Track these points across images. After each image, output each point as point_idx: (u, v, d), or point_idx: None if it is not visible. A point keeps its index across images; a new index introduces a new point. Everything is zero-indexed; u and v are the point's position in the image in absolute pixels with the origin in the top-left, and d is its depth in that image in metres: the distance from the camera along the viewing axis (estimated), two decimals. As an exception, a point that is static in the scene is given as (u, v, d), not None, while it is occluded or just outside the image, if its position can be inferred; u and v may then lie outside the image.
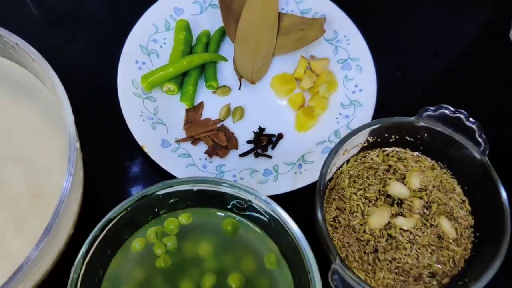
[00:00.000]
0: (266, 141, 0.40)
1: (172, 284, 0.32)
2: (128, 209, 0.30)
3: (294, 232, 0.30)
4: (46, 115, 0.34)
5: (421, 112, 0.36)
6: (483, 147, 0.35)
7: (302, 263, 0.30)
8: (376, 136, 0.37)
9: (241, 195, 0.31)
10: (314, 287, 0.29)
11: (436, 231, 0.35)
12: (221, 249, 0.33)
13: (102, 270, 0.31)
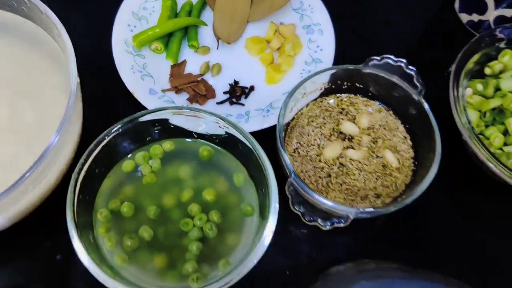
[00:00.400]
0: (240, 92, 0.46)
1: (156, 198, 0.38)
2: (119, 130, 0.36)
3: (260, 154, 0.37)
4: (52, 61, 0.40)
5: (368, 61, 0.43)
6: (420, 89, 0.42)
7: (264, 179, 0.37)
8: (331, 83, 0.43)
9: (218, 122, 0.38)
10: (271, 194, 0.36)
11: (381, 161, 0.42)
12: (198, 171, 0.39)
13: (97, 184, 0.37)
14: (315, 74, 0.42)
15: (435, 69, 0.47)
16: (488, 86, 0.42)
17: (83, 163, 0.35)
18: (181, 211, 0.37)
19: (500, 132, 0.41)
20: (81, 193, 0.35)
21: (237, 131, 0.37)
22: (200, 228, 0.36)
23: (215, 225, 0.37)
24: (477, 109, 0.42)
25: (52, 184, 0.37)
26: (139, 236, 0.36)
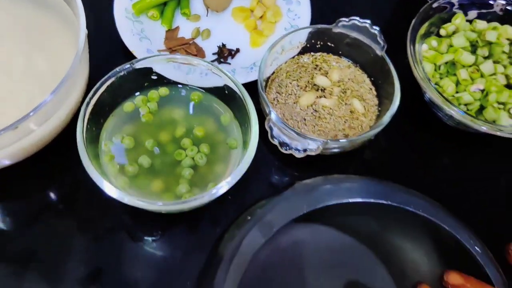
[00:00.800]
0: (227, 53, 0.52)
1: (153, 134, 0.44)
2: (121, 73, 0.42)
3: (244, 94, 0.42)
4: (64, 22, 0.46)
5: (337, 22, 0.49)
6: (382, 46, 0.48)
7: (247, 116, 0.42)
8: (307, 42, 0.50)
9: (208, 68, 0.44)
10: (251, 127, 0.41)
11: (349, 108, 0.48)
12: (189, 113, 0.45)
13: (102, 120, 0.43)
14: (291, 32, 0.48)
15: (397, 29, 0.52)
16: (441, 43, 0.48)
17: (91, 97, 0.40)
18: (175, 145, 0.43)
19: (452, 82, 0.47)
20: (89, 123, 0.40)
21: (224, 76, 0.43)
22: (191, 158, 0.42)
23: (204, 155, 0.42)
24: (432, 62, 0.48)
25: (63, 121, 0.42)
26: (138, 164, 0.42)
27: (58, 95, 0.39)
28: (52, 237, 0.43)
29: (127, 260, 0.42)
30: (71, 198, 0.45)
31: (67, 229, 0.43)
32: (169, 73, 0.45)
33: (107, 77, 0.42)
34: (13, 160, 0.43)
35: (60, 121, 0.42)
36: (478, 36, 0.48)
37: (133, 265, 0.42)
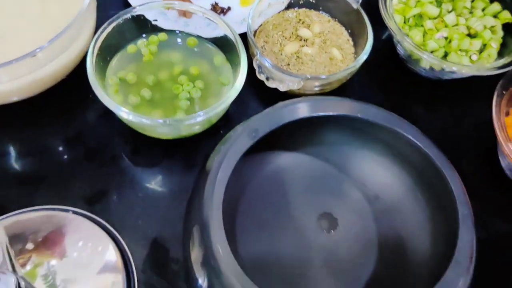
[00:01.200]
0: (219, 10, 0.58)
1: (153, 72, 0.49)
2: (125, 16, 0.47)
3: (235, 36, 0.48)
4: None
5: (318, -21, 0.55)
6: (358, 0, 0.54)
7: (237, 55, 0.48)
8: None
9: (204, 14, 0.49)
10: (242, 65, 0.47)
11: (329, 55, 0.54)
12: (186, 55, 0.51)
13: (109, 58, 0.48)
14: (276, -12, 0.54)
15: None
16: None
17: (98, 36, 0.46)
18: (173, 81, 0.48)
19: (420, 32, 0.53)
20: (97, 58, 0.46)
21: (218, 20, 0.49)
22: (187, 92, 0.47)
23: (199, 89, 0.48)
24: (402, 15, 0.54)
25: (75, 57, 0.48)
26: (141, 96, 0.47)
27: (71, 30, 0.44)
28: (61, 163, 0.48)
29: (128, 184, 0.48)
30: (79, 130, 0.50)
31: (75, 157, 0.49)
32: (167, 24, 0.51)
33: (113, 18, 0.47)
34: (30, 93, 0.48)
35: (72, 57, 0.47)
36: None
37: (133, 187, 0.47)
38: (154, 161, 0.49)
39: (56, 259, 0.43)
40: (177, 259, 0.44)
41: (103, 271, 0.43)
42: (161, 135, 0.47)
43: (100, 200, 0.46)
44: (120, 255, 0.43)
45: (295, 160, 0.49)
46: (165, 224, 0.46)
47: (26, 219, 0.44)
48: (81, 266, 0.43)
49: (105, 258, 0.43)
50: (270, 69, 0.48)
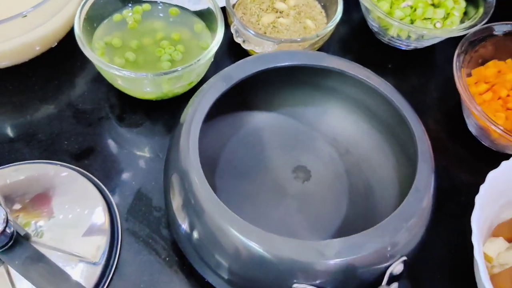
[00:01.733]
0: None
1: (137, 38, 0.52)
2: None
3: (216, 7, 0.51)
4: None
5: (292, -44, 0.59)
6: (329, -26, 0.58)
7: (215, 22, 0.51)
8: (267, -26, 0.59)
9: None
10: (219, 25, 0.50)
11: (303, 25, 0.57)
12: (168, 23, 0.54)
13: (96, 24, 0.51)
14: (254, -37, 0.58)
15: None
16: (378, -28, 0.58)
17: (85, 2, 0.49)
18: (156, 46, 0.52)
19: (387, 3, 0.57)
20: (84, 23, 0.49)
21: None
22: (169, 54, 0.51)
23: (180, 52, 0.51)
24: (370, -13, 0.58)
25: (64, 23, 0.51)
26: (125, 58, 0.50)
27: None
28: (51, 123, 0.51)
29: (114, 142, 0.50)
30: (68, 95, 0.53)
31: (64, 118, 0.51)
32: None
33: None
34: (21, 58, 0.51)
35: (61, 22, 0.51)
36: (408, -34, 0.58)
37: (119, 145, 0.50)
38: (139, 122, 0.52)
39: (45, 213, 0.45)
40: (159, 207, 0.47)
41: (88, 218, 0.45)
42: (145, 95, 0.50)
43: (87, 156, 0.49)
44: (105, 204, 0.46)
45: (271, 120, 0.52)
46: (148, 177, 0.49)
47: (14, 181, 0.47)
48: (68, 214, 0.45)
49: (90, 206, 0.46)
50: (245, 32, 0.52)
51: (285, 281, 0.36)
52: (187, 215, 0.40)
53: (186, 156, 0.39)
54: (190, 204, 0.39)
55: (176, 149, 0.41)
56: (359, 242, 0.35)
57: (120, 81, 0.48)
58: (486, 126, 0.49)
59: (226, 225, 0.36)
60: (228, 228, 0.36)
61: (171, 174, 0.42)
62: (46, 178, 0.46)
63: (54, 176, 0.47)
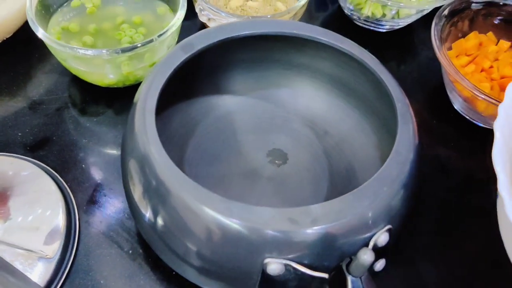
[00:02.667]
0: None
1: (96, 23, 0.49)
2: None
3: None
4: None
5: None
6: (298, -44, 0.56)
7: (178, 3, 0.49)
8: (234, -40, 0.57)
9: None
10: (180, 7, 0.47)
11: (273, 8, 0.55)
12: (129, 8, 0.51)
13: (51, 10, 0.48)
14: None
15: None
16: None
17: None
18: (116, 30, 0.49)
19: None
20: (39, 5, 0.46)
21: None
22: (130, 37, 0.48)
23: (141, 34, 0.48)
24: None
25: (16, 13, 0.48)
26: (83, 42, 0.47)
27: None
28: (4, 116, 0.47)
29: (72, 132, 0.47)
30: (23, 86, 0.50)
31: (18, 110, 0.48)
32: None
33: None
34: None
35: (13, 10, 0.48)
36: None
37: (78, 135, 0.46)
38: (100, 111, 0.48)
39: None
40: (121, 198, 0.43)
41: (41, 209, 0.41)
42: (105, 79, 0.46)
43: (43, 147, 0.45)
44: (60, 194, 0.42)
45: (243, 103, 0.49)
46: (109, 167, 0.45)
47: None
48: (22, 205, 0.41)
49: (44, 194, 0.42)
50: (209, 10, 0.49)
51: (257, 257, 0.31)
52: (149, 200, 0.36)
53: (142, 134, 0.35)
54: (151, 188, 0.35)
55: (131, 130, 0.36)
56: (337, 208, 0.31)
57: (76, 63, 0.45)
58: (471, 97, 0.46)
59: (193, 200, 0.32)
60: (195, 203, 0.32)
61: (128, 160, 0.37)
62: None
63: (7, 171, 0.43)
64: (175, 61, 0.38)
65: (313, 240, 0.31)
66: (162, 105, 0.38)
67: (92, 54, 0.42)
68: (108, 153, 0.46)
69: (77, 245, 0.40)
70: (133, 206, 0.38)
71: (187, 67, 0.40)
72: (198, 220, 0.33)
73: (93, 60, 0.44)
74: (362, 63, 0.41)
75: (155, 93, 0.37)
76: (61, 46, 0.42)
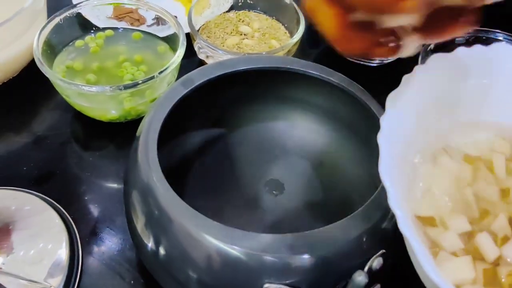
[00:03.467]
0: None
1: (99, 61, 0.51)
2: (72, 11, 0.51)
3: (179, 30, 0.51)
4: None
5: (254, -18, 0.60)
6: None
7: (178, 42, 0.51)
8: (229, 1, 0.60)
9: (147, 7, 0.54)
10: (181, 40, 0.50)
11: (268, 45, 0.57)
12: (131, 47, 0.54)
13: (57, 50, 0.51)
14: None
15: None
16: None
17: (46, 25, 0.49)
18: (118, 68, 0.51)
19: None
20: (45, 46, 0.49)
21: (163, 15, 0.53)
22: (131, 74, 0.50)
23: (143, 71, 0.50)
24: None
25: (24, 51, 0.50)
26: (86, 79, 0.49)
27: (18, 20, 0.47)
28: (9, 150, 0.49)
29: (75, 166, 0.48)
30: (29, 121, 0.51)
31: (24, 144, 0.49)
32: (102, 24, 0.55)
33: (60, 12, 0.51)
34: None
35: (22, 48, 0.50)
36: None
37: (81, 169, 0.48)
38: (102, 145, 0.50)
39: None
40: (123, 229, 0.44)
41: (46, 243, 0.42)
42: (108, 114, 0.48)
43: (47, 181, 0.47)
44: (63, 227, 0.43)
45: (241, 136, 0.51)
46: (111, 200, 0.46)
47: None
48: (25, 239, 0.42)
49: (49, 228, 0.43)
50: (207, 48, 0.51)
51: (256, 282, 0.32)
52: (152, 230, 0.37)
53: (145, 166, 0.36)
54: (154, 217, 0.36)
55: (134, 162, 0.38)
56: (332, 234, 0.33)
57: (79, 99, 0.47)
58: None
59: (194, 228, 0.33)
60: (196, 231, 0.33)
61: (131, 191, 0.38)
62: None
63: (11, 201, 0.44)
64: (176, 96, 0.40)
65: (309, 265, 0.32)
66: (163, 138, 0.40)
67: (96, 90, 0.44)
68: (110, 186, 0.47)
69: (80, 276, 0.41)
70: (135, 236, 0.39)
71: (187, 102, 0.42)
72: (199, 247, 0.34)
73: (97, 96, 0.46)
74: (353, 96, 0.43)
75: (157, 127, 0.39)
76: (66, 83, 0.44)
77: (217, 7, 0.60)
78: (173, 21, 0.52)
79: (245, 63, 0.45)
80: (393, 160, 0.31)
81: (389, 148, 0.31)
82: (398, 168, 0.32)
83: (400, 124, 0.33)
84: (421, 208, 0.34)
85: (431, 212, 0.34)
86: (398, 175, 0.31)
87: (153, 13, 0.56)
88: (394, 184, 0.29)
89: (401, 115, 0.34)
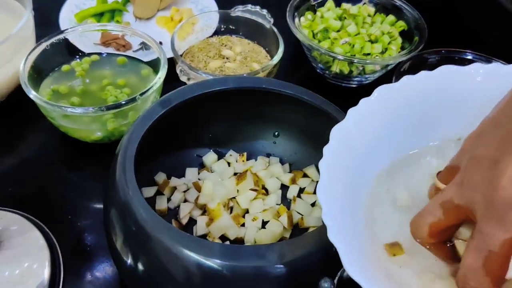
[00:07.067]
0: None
1: (85, 85, 0.53)
2: (60, 36, 0.53)
3: (161, 53, 0.53)
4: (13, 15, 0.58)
5: (234, 8, 0.62)
6: (269, 21, 0.61)
7: (160, 65, 0.53)
8: (213, 28, 0.62)
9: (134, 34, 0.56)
10: (162, 63, 0.52)
11: (249, 68, 0.59)
12: (115, 71, 0.56)
13: (44, 75, 0.53)
14: (197, 15, 0.61)
15: (282, 11, 0.64)
16: (316, 16, 0.62)
17: (32, 50, 0.51)
18: (102, 91, 0.53)
19: (327, 43, 0.60)
20: (31, 70, 0.50)
21: (147, 41, 0.55)
22: (115, 96, 0.52)
23: (126, 94, 0.52)
24: (309, 29, 0.61)
25: (11, 78, 0.52)
26: (70, 102, 0.51)
27: (5, 46, 0.49)
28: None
29: (60, 185, 0.50)
30: (14, 145, 0.53)
31: (8, 167, 0.51)
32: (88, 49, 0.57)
33: (47, 37, 0.53)
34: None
35: (9, 75, 0.52)
36: (344, 11, 0.62)
37: (65, 188, 0.49)
38: (86, 165, 0.51)
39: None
40: (104, 247, 0.45)
41: (31, 263, 0.43)
42: (92, 135, 0.50)
43: (31, 201, 0.48)
44: (47, 246, 0.44)
45: (220, 153, 0.52)
46: (94, 218, 0.47)
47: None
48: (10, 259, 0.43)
49: (34, 248, 0.44)
50: (189, 70, 0.53)
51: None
52: (130, 246, 0.38)
53: (123, 183, 0.38)
54: (132, 233, 0.37)
55: (112, 180, 0.39)
56: (303, 243, 0.34)
57: (65, 121, 0.48)
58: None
59: (172, 242, 0.34)
60: (174, 245, 0.34)
61: (110, 209, 0.40)
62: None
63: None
64: (154, 115, 0.42)
65: (281, 272, 0.33)
66: (143, 157, 0.42)
67: (80, 112, 0.46)
68: (94, 206, 0.48)
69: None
70: (115, 254, 0.40)
71: (166, 122, 0.44)
72: (176, 261, 0.35)
73: (81, 118, 0.48)
74: (328, 115, 0.45)
75: (134, 144, 0.40)
76: (51, 105, 0.46)
77: (200, 32, 0.63)
78: (156, 46, 0.54)
79: (221, 84, 0.46)
80: (331, 185, 0.31)
81: (331, 174, 0.31)
82: (342, 194, 0.32)
83: (343, 153, 0.33)
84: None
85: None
86: (341, 199, 0.31)
87: (139, 39, 0.58)
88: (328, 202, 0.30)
89: (344, 146, 0.34)
